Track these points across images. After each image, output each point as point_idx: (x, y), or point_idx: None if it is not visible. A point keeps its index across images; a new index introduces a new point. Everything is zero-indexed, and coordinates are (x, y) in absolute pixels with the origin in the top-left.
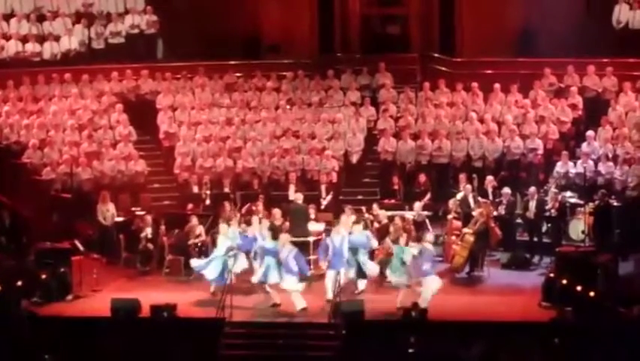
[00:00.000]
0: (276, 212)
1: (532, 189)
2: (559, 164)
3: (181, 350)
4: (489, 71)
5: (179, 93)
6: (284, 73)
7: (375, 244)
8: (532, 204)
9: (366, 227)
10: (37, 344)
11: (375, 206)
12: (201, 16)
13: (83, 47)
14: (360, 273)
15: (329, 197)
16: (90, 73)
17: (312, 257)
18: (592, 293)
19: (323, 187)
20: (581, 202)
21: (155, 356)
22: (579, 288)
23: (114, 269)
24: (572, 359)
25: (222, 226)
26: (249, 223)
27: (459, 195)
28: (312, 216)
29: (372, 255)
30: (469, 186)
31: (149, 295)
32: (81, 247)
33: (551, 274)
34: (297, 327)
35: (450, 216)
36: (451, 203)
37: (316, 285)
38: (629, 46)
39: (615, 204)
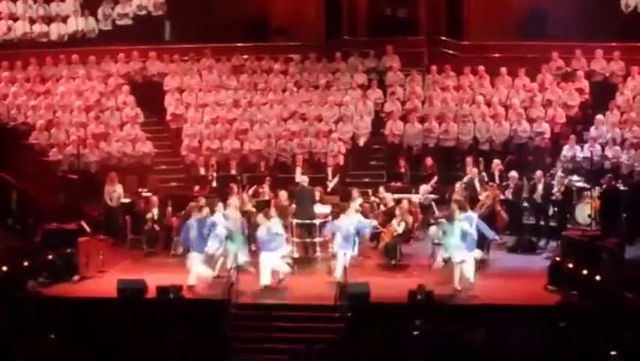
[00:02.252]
0: (282, 194)
1: (539, 172)
2: (566, 148)
3: (187, 331)
4: (496, 55)
5: (186, 75)
6: (291, 55)
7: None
8: (540, 188)
9: (372, 210)
10: (43, 324)
11: (381, 189)
12: None
13: (92, 33)
14: None
15: (335, 180)
16: (97, 54)
17: (317, 240)
18: (598, 277)
19: (329, 170)
20: (588, 186)
21: (160, 336)
22: (585, 272)
23: (120, 250)
24: (577, 343)
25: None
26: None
27: (465, 179)
28: (318, 198)
29: (377, 237)
30: (475, 170)
31: (155, 277)
32: (87, 228)
33: (557, 258)
34: (303, 309)
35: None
36: (458, 186)
37: (321, 267)
38: (637, 30)
39: (622, 188)
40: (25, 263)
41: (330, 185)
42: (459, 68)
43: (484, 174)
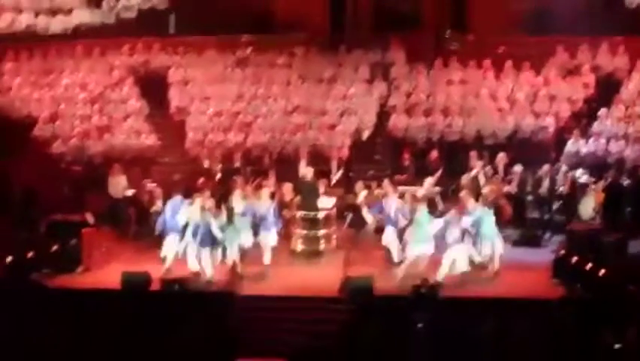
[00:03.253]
0: (286, 187)
1: (546, 166)
2: (570, 142)
3: (191, 324)
4: (501, 49)
5: (190, 67)
6: (295, 49)
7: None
8: (546, 182)
9: None
10: (47, 315)
11: (386, 182)
12: None
13: (96, 25)
14: None
15: (339, 173)
16: (101, 47)
17: (321, 232)
18: (601, 271)
19: (334, 163)
20: (592, 180)
21: (165, 329)
22: (589, 266)
23: (124, 242)
24: (581, 336)
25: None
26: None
27: (472, 173)
28: (322, 191)
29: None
30: (479, 164)
31: (159, 269)
32: (91, 220)
33: (561, 252)
34: (307, 301)
35: (462, 194)
36: (464, 180)
37: (325, 260)
38: None
39: (626, 182)
40: (30, 254)
41: (334, 178)
42: (463, 62)
43: (488, 167)
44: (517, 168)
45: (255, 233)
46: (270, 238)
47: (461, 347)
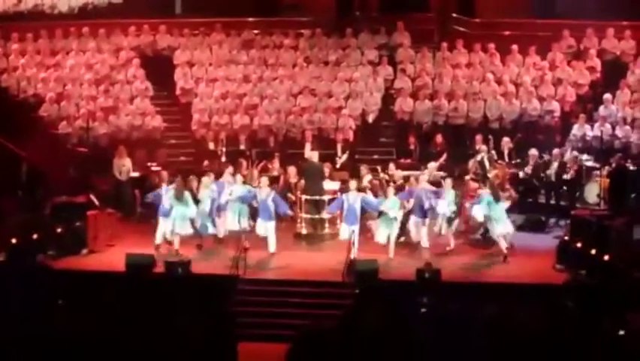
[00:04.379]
0: (291, 170)
1: (556, 150)
2: (575, 127)
3: (194, 307)
4: (507, 32)
5: (196, 49)
6: (302, 31)
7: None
8: (555, 166)
9: (381, 187)
10: (52, 295)
11: (391, 166)
12: None
13: (102, 5)
14: None
15: (345, 156)
16: (108, 27)
17: (326, 216)
18: (606, 257)
19: (339, 146)
20: (597, 165)
21: (167, 311)
22: (593, 251)
23: (129, 224)
24: (584, 323)
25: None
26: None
27: (479, 157)
28: (327, 174)
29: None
30: (484, 148)
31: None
32: (97, 202)
33: (566, 237)
34: (310, 285)
35: (467, 177)
36: (471, 164)
37: (329, 244)
38: None
39: (631, 168)
40: (35, 236)
41: (340, 161)
42: (469, 46)
43: (493, 152)
44: (533, 152)
45: (253, 219)
46: (268, 226)
47: (465, 332)
